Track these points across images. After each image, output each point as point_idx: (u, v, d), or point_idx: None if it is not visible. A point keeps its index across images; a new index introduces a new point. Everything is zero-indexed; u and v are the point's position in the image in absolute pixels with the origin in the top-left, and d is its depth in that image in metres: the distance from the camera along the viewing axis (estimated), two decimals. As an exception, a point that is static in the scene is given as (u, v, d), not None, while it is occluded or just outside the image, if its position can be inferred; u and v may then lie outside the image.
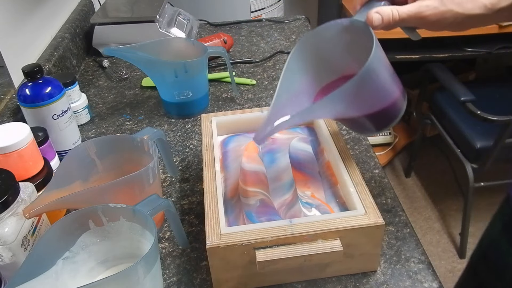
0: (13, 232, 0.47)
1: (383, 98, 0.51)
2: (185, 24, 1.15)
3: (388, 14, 0.46)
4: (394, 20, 0.46)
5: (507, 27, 1.49)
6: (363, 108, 0.51)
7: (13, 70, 0.82)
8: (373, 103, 0.50)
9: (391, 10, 0.46)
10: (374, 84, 0.48)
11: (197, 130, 0.83)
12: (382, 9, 0.47)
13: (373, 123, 0.53)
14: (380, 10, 0.47)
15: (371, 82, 0.47)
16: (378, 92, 0.50)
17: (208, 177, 0.56)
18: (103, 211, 0.46)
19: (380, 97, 0.50)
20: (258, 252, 0.48)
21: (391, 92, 0.51)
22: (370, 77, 0.47)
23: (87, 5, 1.22)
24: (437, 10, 0.44)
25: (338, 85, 0.55)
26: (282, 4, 1.65)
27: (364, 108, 0.51)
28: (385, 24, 0.47)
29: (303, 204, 0.56)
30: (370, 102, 0.50)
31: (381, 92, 0.50)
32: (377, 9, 0.47)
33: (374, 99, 0.50)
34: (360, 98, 0.49)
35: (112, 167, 0.59)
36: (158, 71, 0.82)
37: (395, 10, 0.46)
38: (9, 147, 0.56)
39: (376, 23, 0.47)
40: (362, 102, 0.50)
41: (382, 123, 0.54)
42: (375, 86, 0.49)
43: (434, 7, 0.45)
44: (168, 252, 0.58)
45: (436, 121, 1.63)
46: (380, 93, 0.50)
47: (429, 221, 1.77)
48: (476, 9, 0.44)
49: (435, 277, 0.53)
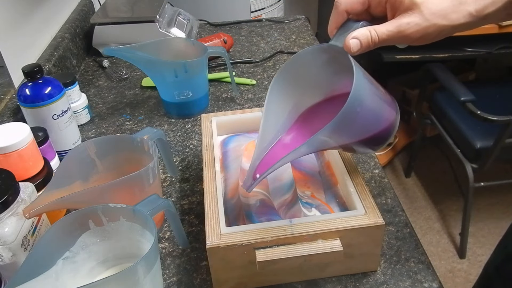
0: (13, 232, 0.47)
1: (374, 124, 0.49)
2: (185, 24, 1.15)
3: (367, 38, 0.43)
4: (374, 43, 0.43)
5: (507, 27, 1.49)
6: (354, 137, 0.49)
7: (13, 70, 0.82)
8: (364, 130, 0.49)
9: (369, 33, 0.43)
10: (360, 115, 0.46)
11: (197, 130, 0.83)
12: (360, 33, 0.43)
13: (368, 146, 0.52)
14: (357, 35, 0.44)
15: (356, 114, 0.45)
16: (367, 121, 0.48)
17: (208, 177, 0.56)
18: (103, 211, 0.46)
19: (371, 124, 0.49)
20: (258, 252, 0.48)
21: (381, 117, 0.49)
22: (355, 110, 0.45)
23: (87, 5, 1.22)
24: (420, 26, 0.42)
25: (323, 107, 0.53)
26: (282, 4, 1.65)
27: (356, 136, 0.49)
28: (364, 49, 0.44)
29: (303, 204, 0.56)
30: (361, 130, 0.49)
31: (370, 120, 0.48)
32: (354, 34, 0.44)
33: (365, 127, 0.49)
34: (349, 130, 0.47)
35: (112, 167, 0.59)
36: (158, 71, 0.82)
37: (373, 32, 0.43)
38: (9, 147, 0.56)
39: (354, 49, 0.44)
40: (353, 132, 0.48)
41: (377, 144, 0.52)
42: (362, 116, 0.47)
43: (415, 23, 0.42)
44: (168, 252, 0.58)
45: (436, 121, 1.63)
46: (369, 121, 0.48)
47: (429, 221, 1.77)
48: (461, 19, 0.41)
49: (435, 277, 0.53)
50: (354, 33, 0.44)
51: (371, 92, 0.47)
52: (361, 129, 0.48)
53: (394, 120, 0.51)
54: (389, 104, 0.50)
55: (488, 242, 1.66)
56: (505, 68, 2.22)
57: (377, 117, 0.49)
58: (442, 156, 2.04)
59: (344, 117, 0.43)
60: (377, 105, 0.48)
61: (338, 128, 0.45)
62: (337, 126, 0.44)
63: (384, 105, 0.49)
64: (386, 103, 0.49)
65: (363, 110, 0.46)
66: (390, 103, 0.50)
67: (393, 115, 0.50)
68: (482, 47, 1.55)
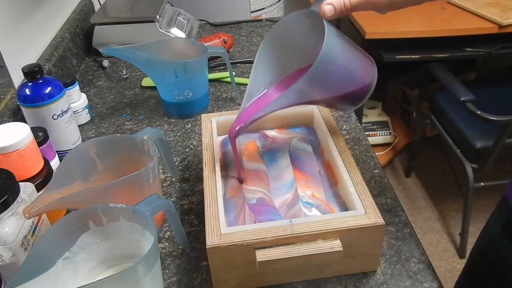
0: (13, 232, 0.47)
1: (348, 82, 0.53)
2: (185, 24, 1.15)
3: (340, 3, 0.48)
4: (346, 9, 0.48)
5: (507, 27, 1.49)
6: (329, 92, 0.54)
7: (13, 70, 0.82)
8: (339, 87, 0.53)
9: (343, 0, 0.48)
10: (332, 73, 0.51)
11: (197, 130, 0.83)
12: (335, 0, 0.48)
13: (344, 103, 0.57)
14: (331, 1, 0.48)
15: (327, 72, 0.50)
16: (340, 78, 0.52)
17: (208, 177, 0.56)
18: (103, 211, 0.46)
19: (345, 82, 0.53)
20: (258, 252, 0.48)
21: (355, 76, 0.54)
22: (326, 68, 0.49)
23: (87, 5, 1.22)
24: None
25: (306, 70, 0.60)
26: (282, 4, 1.65)
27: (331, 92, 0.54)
28: (338, 14, 0.48)
29: (303, 204, 0.56)
30: (335, 86, 0.53)
31: (344, 78, 0.53)
32: (329, 0, 0.48)
33: (339, 84, 0.53)
34: (323, 85, 0.52)
35: (112, 167, 0.59)
36: (158, 71, 0.82)
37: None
38: (9, 147, 0.56)
39: (328, 14, 0.48)
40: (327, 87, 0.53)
41: (354, 102, 0.57)
42: (335, 73, 0.51)
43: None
44: (168, 252, 0.58)
45: (436, 121, 1.63)
46: (343, 79, 0.53)
47: (429, 221, 1.77)
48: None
49: (435, 277, 0.53)
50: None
51: (344, 51, 0.52)
52: (335, 85, 0.53)
53: (371, 81, 0.56)
54: (365, 65, 0.54)
55: (488, 242, 1.66)
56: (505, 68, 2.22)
57: (351, 76, 0.54)
58: (442, 156, 2.04)
59: (316, 72, 0.48)
60: (351, 64, 0.53)
61: (311, 82, 0.50)
62: (310, 80, 0.49)
63: (360, 65, 0.54)
64: (362, 64, 0.54)
65: (335, 68, 0.51)
66: (366, 65, 0.55)
67: (370, 76, 0.55)
68: (482, 47, 1.55)
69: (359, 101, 0.57)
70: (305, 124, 0.70)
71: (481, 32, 1.50)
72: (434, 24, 1.53)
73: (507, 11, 1.53)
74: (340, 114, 0.84)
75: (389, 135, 1.98)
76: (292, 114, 0.69)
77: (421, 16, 1.59)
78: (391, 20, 1.58)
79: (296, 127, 0.70)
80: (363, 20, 1.58)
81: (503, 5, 1.57)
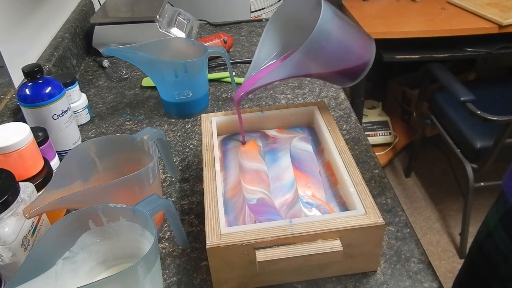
0: (13, 232, 0.47)
1: (344, 58, 0.55)
2: (185, 24, 1.15)
3: None
4: None
5: (507, 27, 1.49)
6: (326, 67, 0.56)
7: (13, 70, 0.82)
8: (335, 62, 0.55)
9: None
10: (326, 48, 0.53)
11: (197, 130, 0.83)
12: None
13: (341, 78, 0.59)
14: None
15: (322, 47, 0.52)
16: (336, 54, 0.54)
17: (208, 177, 0.56)
18: (103, 211, 0.46)
19: (340, 58, 0.55)
20: (258, 252, 0.48)
21: (352, 52, 0.55)
22: (320, 42, 0.51)
23: (87, 5, 1.22)
24: None
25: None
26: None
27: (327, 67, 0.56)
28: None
29: (303, 204, 0.56)
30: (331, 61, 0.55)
31: (339, 53, 0.55)
32: None
33: (335, 60, 0.55)
34: (319, 59, 0.54)
35: (112, 167, 0.59)
36: (158, 71, 0.82)
37: None
38: (9, 147, 0.56)
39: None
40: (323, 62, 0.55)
41: (351, 78, 0.59)
42: (330, 48, 0.53)
43: None
44: (168, 252, 0.58)
45: (436, 121, 1.63)
46: (338, 54, 0.55)
47: (429, 221, 1.77)
48: None
49: (435, 277, 0.53)
50: None
51: (340, 28, 0.53)
52: (330, 60, 0.55)
53: (368, 58, 0.57)
54: (363, 42, 0.56)
55: (488, 242, 1.66)
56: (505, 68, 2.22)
57: (347, 52, 0.55)
58: (442, 156, 2.04)
59: (311, 45, 0.50)
60: (347, 41, 0.55)
61: (308, 55, 0.52)
62: (306, 53, 0.51)
63: (356, 42, 0.55)
64: (358, 41, 0.55)
65: (330, 43, 0.53)
66: (364, 42, 0.56)
67: (368, 53, 0.57)
68: (482, 47, 1.55)
69: (356, 77, 0.59)
70: (305, 124, 0.70)
71: (481, 32, 1.50)
72: (434, 24, 1.53)
73: (507, 11, 1.53)
74: (340, 114, 0.84)
75: (389, 135, 1.98)
76: (292, 114, 0.69)
77: (421, 16, 1.59)
78: (391, 20, 1.58)
79: (296, 127, 0.70)
80: (363, 20, 1.58)
81: (503, 5, 1.57)
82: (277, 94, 0.92)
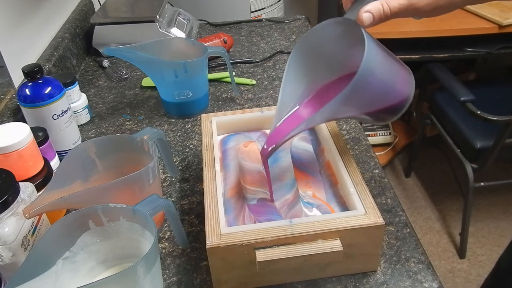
0: (13, 232, 0.47)
1: (387, 95, 0.50)
2: (185, 24, 1.15)
3: (379, 11, 0.45)
4: (386, 16, 0.45)
5: (507, 27, 1.49)
6: (366, 107, 0.50)
7: (13, 70, 0.82)
8: (377, 101, 0.50)
9: (382, 6, 0.45)
10: (372, 85, 0.47)
11: (197, 130, 0.83)
12: (373, 7, 0.45)
13: (380, 117, 0.53)
14: (370, 8, 0.45)
15: (367, 86, 0.47)
16: (379, 91, 0.49)
17: (208, 177, 0.56)
18: (103, 211, 0.46)
19: (383, 95, 0.50)
20: (258, 252, 0.47)
21: (394, 89, 0.50)
22: (366, 80, 0.46)
23: (87, 5, 1.22)
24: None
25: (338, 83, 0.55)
26: (282, 4, 1.65)
27: (368, 107, 0.50)
28: (377, 22, 0.46)
29: (304, 204, 0.56)
30: (373, 101, 0.50)
31: (383, 91, 0.49)
32: (367, 7, 0.46)
33: (377, 98, 0.50)
34: (361, 100, 0.48)
35: (112, 167, 0.59)
36: (158, 71, 0.82)
37: (385, 5, 0.45)
38: (9, 147, 0.56)
39: (367, 23, 0.46)
40: (365, 102, 0.49)
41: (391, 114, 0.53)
42: (374, 87, 0.48)
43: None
44: (168, 252, 0.58)
45: (436, 121, 1.63)
46: (382, 92, 0.49)
47: (429, 221, 1.77)
48: None
49: (435, 277, 0.53)
50: (367, 6, 0.45)
51: (383, 63, 0.48)
52: (373, 100, 0.49)
53: (409, 92, 0.52)
54: (403, 76, 0.51)
55: (488, 242, 1.66)
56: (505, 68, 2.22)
57: (390, 89, 0.50)
58: (442, 156, 2.04)
59: (355, 87, 0.44)
60: (390, 76, 0.49)
61: (349, 98, 0.46)
62: (348, 96, 0.45)
63: (398, 77, 0.50)
64: (400, 76, 0.50)
65: (374, 81, 0.47)
66: (404, 76, 0.51)
67: (408, 87, 0.51)
68: (482, 47, 1.55)
69: (396, 114, 0.53)
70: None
71: (481, 32, 1.50)
72: (434, 24, 1.53)
73: (507, 11, 1.53)
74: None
75: (389, 135, 1.98)
76: (292, 114, 0.69)
77: (421, 16, 1.59)
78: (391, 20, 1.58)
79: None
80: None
81: (503, 5, 1.57)
82: (277, 94, 0.92)
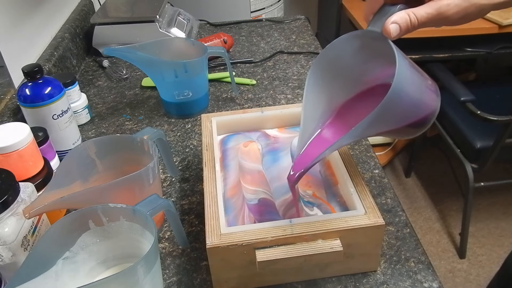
0: (13, 232, 0.47)
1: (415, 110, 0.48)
2: (185, 24, 1.15)
3: (406, 21, 0.42)
4: (413, 26, 0.43)
5: (507, 27, 1.49)
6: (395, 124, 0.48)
7: (13, 70, 0.82)
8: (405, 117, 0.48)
9: (408, 16, 0.42)
10: (402, 102, 0.45)
11: (197, 130, 0.83)
12: (399, 17, 0.43)
13: (407, 132, 0.51)
14: (396, 19, 0.43)
15: (398, 102, 0.44)
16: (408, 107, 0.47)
17: (208, 177, 0.56)
18: (103, 211, 0.46)
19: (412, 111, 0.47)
20: (258, 252, 0.47)
21: (423, 103, 0.48)
22: (397, 97, 0.43)
23: (87, 5, 1.22)
24: (460, 7, 0.41)
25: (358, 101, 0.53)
26: (282, 4, 1.65)
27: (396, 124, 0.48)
28: (403, 33, 0.43)
29: (305, 203, 0.56)
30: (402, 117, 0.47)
31: (411, 107, 0.47)
32: (394, 18, 0.43)
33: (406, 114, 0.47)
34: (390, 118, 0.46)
35: (112, 167, 0.59)
36: (158, 71, 0.82)
37: (412, 15, 0.42)
38: (9, 147, 0.56)
39: (394, 34, 0.43)
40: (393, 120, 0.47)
41: (417, 128, 0.51)
42: (404, 103, 0.45)
43: (455, 4, 0.41)
44: (168, 252, 0.58)
45: (436, 121, 1.63)
46: (411, 108, 0.47)
47: (429, 221, 1.77)
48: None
49: (435, 277, 0.53)
50: (393, 17, 0.43)
51: (412, 76, 0.46)
52: (403, 116, 0.47)
53: (436, 105, 0.49)
54: (430, 89, 0.49)
55: (488, 242, 1.66)
56: (505, 68, 2.22)
57: (419, 102, 0.47)
58: (442, 156, 2.04)
59: (387, 105, 0.42)
60: (419, 89, 0.47)
61: (380, 115, 0.44)
62: (379, 115, 0.43)
63: (426, 90, 0.48)
64: (428, 89, 0.48)
65: (406, 96, 0.45)
66: (431, 88, 0.49)
67: (435, 100, 0.49)
68: (482, 47, 1.55)
69: (423, 128, 0.51)
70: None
71: (481, 32, 1.50)
72: (434, 24, 1.53)
73: (507, 11, 1.53)
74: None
75: (389, 135, 1.98)
76: (293, 114, 0.69)
77: (421, 16, 1.59)
78: (391, 20, 1.58)
79: (297, 126, 0.70)
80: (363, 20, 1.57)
81: (503, 5, 1.57)
82: (277, 94, 0.92)
